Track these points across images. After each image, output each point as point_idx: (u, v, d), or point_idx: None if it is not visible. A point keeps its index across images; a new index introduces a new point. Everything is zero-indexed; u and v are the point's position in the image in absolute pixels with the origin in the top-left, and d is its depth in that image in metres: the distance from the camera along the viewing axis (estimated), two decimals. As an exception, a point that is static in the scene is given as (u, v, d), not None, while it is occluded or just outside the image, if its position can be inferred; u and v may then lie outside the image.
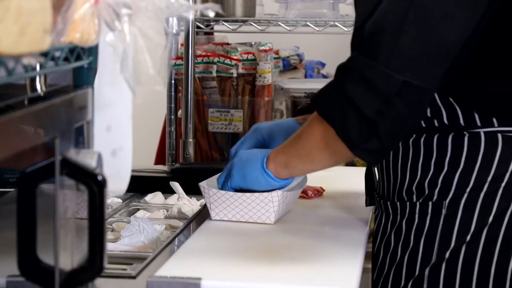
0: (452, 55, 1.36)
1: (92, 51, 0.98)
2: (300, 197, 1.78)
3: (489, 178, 1.42)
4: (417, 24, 1.31)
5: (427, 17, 1.32)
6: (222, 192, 1.61)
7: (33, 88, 0.94)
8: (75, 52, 0.94)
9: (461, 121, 1.43)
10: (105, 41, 0.94)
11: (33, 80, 0.94)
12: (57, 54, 0.90)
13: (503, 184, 1.42)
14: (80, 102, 0.97)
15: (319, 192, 1.86)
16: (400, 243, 1.48)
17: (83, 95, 0.98)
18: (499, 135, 1.42)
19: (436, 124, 1.44)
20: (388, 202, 1.51)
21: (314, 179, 1.93)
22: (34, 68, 0.86)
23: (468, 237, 1.42)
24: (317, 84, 2.62)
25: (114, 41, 0.93)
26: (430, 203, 1.45)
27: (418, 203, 1.46)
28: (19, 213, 0.89)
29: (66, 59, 0.93)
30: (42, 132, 0.88)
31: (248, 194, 1.60)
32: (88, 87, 0.99)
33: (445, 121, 1.43)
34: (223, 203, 1.61)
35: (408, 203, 1.47)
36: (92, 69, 1.00)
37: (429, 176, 1.45)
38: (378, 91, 1.32)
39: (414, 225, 1.46)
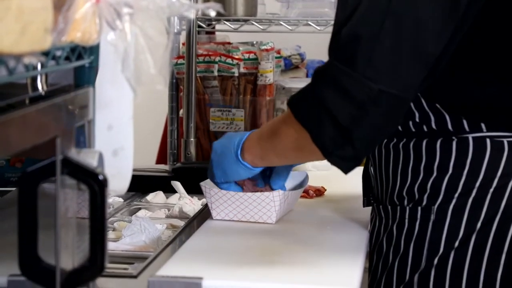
0: (429, 65, 1.34)
1: (93, 51, 0.98)
2: (302, 196, 1.78)
3: (478, 184, 1.41)
4: (393, 33, 1.31)
5: (402, 26, 1.31)
6: (223, 191, 1.61)
7: (34, 88, 0.94)
8: (76, 51, 0.94)
9: (449, 127, 1.42)
10: (106, 40, 0.94)
11: (34, 80, 0.94)
12: (58, 53, 0.90)
13: (491, 190, 1.40)
14: (81, 101, 0.97)
15: (320, 192, 1.86)
16: (392, 248, 1.47)
17: (84, 94, 0.98)
18: (488, 140, 1.40)
19: (425, 129, 1.43)
20: (381, 206, 1.51)
21: (315, 178, 1.93)
22: (35, 68, 0.85)
23: (457, 243, 1.41)
24: (318, 84, 2.62)
25: (115, 40, 0.93)
26: (419, 208, 1.44)
27: (408, 207, 1.45)
28: (20, 212, 0.89)
29: (67, 58, 0.93)
30: (43, 131, 0.88)
31: (249, 194, 1.60)
32: (89, 86, 0.99)
33: (434, 126, 1.42)
34: (224, 203, 1.61)
35: (398, 208, 1.46)
36: (93, 69, 0.99)
37: (419, 181, 1.44)
38: (353, 98, 1.31)
39: (404, 230, 1.45)
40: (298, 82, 2.64)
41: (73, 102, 0.95)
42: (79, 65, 0.98)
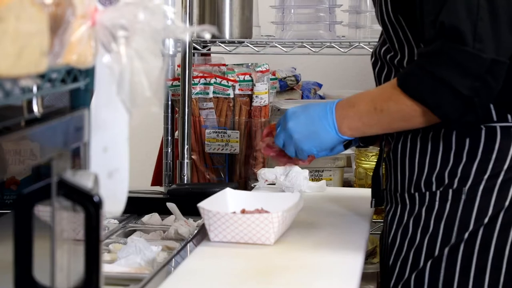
0: None
1: (89, 73, 0.99)
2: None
3: (505, 167, 1.57)
4: (488, 7, 1.48)
5: (494, 2, 1.48)
6: (222, 213, 1.61)
7: (30, 110, 0.95)
8: (72, 73, 0.95)
9: None
10: (101, 63, 0.95)
11: (30, 102, 0.94)
12: (54, 75, 0.90)
13: None
14: (77, 123, 0.98)
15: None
16: (420, 228, 1.60)
17: (79, 116, 0.98)
18: None
19: None
20: (406, 195, 1.63)
21: (310, 199, 1.94)
22: (31, 90, 0.86)
23: (486, 220, 1.56)
24: (313, 105, 2.63)
25: (111, 63, 0.93)
26: (450, 190, 1.58)
27: (438, 191, 1.59)
28: (15, 234, 0.89)
29: (63, 81, 0.93)
30: (39, 153, 0.89)
31: (248, 215, 1.60)
32: (84, 108, 1.00)
33: None
34: (223, 225, 1.61)
35: (427, 193, 1.60)
36: (88, 91, 1.00)
37: (449, 167, 1.59)
38: (470, 70, 1.47)
39: (434, 212, 1.59)
40: (294, 103, 2.65)
41: (69, 124, 0.96)
42: (75, 88, 0.98)
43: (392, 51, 1.66)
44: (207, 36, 0.95)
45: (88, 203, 0.91)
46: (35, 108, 0.94)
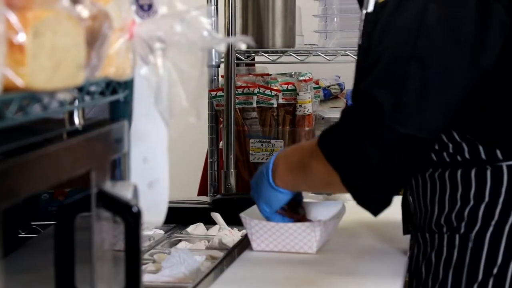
0: (456, 107, 1.36)
1: (128, 85, 1.00)
2: None
3: None
4: (419, 79, 1.33)
5: (428, 72, 1.33)
6: (264, 222, 1.62)
7: (72, 122, 0.96)
8: (111, 86, 0.96)
9: (483, 156, 1.42)
10: (140, 75, 0.96)
11: (71, 114, 0.96)
12: (93, 88, 0.92)
13: None
14: (117, 134, 0.99)
15: None
16: (431, 275, 1.48)
17: (119, 128, 0.99)
18: None
19: (459, 159, 1.44)
20: (419, 234, 1.52)
21: (355, 207, 1.93)
22: (71, 103, 0.87)
23: (495, 270, 1.43)
24: (358, 113, 2.62)
25: (148, 75, 0.95)
26: (457, 235, 1.45)
27: (446, 235, 1.46)
28: (57, 245, 0.91)
29: (102, 93, 0.95)
30: (79, 164, 0.90)
31: (290, 224, 1.61)
32: (124, 120, 1.01)
33: (467, 156, 1.43)
34: (265, 234, 1.62)
35: (437, 236, 1.48)
36: (128, 103, 1.01)
37: (456, 210, 1.45)
38: (383, 143, 1.34)
39: (443, 258, 1.46)
40: (338, 112, 2.64)
41: (109, 136, 0.97)
42: (114, 100, 1.00)
43: None
44: (243, 47, 0.95)
45: (127, 214, 0.92)
46: (76, 120, 0.96)
